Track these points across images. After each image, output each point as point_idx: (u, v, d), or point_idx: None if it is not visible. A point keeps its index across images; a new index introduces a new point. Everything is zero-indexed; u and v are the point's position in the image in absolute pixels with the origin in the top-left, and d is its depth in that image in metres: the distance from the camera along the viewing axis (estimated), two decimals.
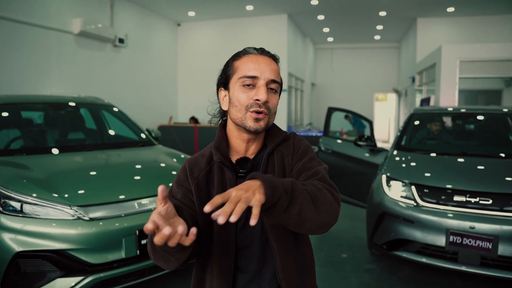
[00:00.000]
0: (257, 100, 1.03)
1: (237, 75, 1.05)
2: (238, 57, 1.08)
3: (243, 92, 1.04)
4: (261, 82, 1.04)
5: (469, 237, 2.80)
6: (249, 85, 1.04)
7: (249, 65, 1.04)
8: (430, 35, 10.87)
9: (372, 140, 4.24)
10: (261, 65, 1.05)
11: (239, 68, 1.06)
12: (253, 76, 1.03)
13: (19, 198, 2.38)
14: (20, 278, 2.28)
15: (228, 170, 1.07)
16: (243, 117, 1.04)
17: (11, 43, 6.52)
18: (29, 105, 3.82)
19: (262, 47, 1.11)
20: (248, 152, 1.12)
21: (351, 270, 3.52)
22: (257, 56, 1.07)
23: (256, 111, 1.03)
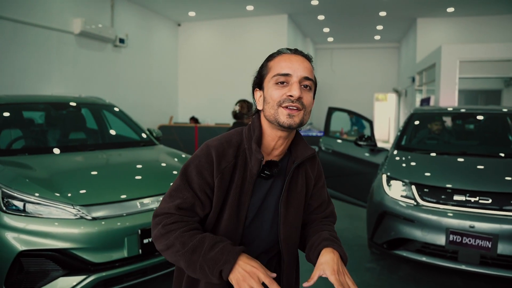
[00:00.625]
0: (290, 96, 1.03)
1: (271, 74, 1.07)
2: (272, 58, 1.11)
3: (276, 89, 1.05)
4: (294, 79, 1.05)
5: (469, 236, 2.82)
6: (282, 83, 1.05)
7: (282, 63, 1.06)
8: (430, 35, 10.89)
9: (372, 140, 4.26)
10: (294, 63, 1.06)
11: (273, 67, 1.07)
12: (286, 73, 1.04)
13: (22, 198, 2.39)
14: (23, 277, 2.29)
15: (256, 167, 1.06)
16: (275, 113, 1.04)
17: (12, 43, 6.54)
18: (31, 105, 3.84)
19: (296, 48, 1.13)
20: (275, 153, 1.12)
21: (351, 269, 3.54)
22: (290, 55, 1.08)
23: (288, 106, 1.03)
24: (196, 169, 1.05)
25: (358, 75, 15.67)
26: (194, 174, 1.05)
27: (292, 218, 1.12)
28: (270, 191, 1.10)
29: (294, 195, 1.13)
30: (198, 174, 1.04)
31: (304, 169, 1.17)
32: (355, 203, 4.52)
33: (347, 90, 15.75)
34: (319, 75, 16.83)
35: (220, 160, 1.05)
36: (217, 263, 0.93)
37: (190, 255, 0.95)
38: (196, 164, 1.06)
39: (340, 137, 5.71)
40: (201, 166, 1.05)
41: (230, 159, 1.06)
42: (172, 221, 1.01)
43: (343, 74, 15.89)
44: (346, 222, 5.03)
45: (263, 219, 1.10)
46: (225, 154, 1.06)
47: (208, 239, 0.97)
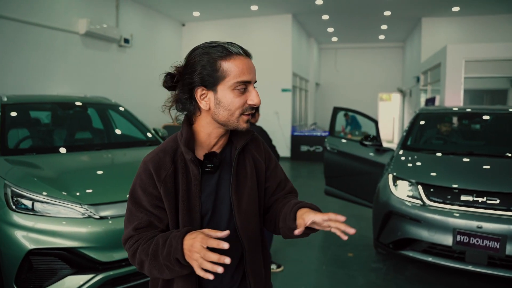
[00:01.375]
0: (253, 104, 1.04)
1: (230, 79, 1.01)
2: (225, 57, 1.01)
3: (237, 97, 1.02)
4: (253, 86, 1.04)
5: (476, 236, 2.81)
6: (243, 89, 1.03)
7: (242, 68, 1.01)
8: (435, 35, 10.84)
9: (378, 140, 4.25)
10: (251, 68, 1.04)
11: (231, 71, 1.01)
12: (248, 81, 1.02)
13: (31, 197, 2.41)
14: (32, 275, 2.31)
15: (195, 168, 1.05)
16: (235, 119, 1.03)
17: (18, 44, 6.58)
18: (38, 105, 3.86)
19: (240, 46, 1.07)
20: (215, 146, 1.11)
21: (357, 269, 3.53)
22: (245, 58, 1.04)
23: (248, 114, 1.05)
24: (140, 188, 1.06)
25: (362, 75, 15.64)
26: (140, 193, 1.06)
27: (246, 205, 1.11)
28: (219, 183, 1.10)
29: (244, 182, 1.12)
30: (143, 192, 1.05)
31: (250, 154, 1.16)
32: (360, 203, 4.51)
33: (351, 90, 15.72)
34: (323, 75, 16.89)
35: (158, 171, 1.04)
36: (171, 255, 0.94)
37: (154, 261, 0.98)
38: (139, 183, 1.06)
39: (345, 137, 5.70)
40: (143, 183, 1.05)
41: (168, 166, 1.05)
42: (133, 242, 1.04)
43: (347, 74, 15.86)
44: (351, 222, 5.02)
45: (221, 212, 1.10)
46: (162, 164, 1.06)
47: (161, 239, 0.99)
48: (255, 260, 1.14)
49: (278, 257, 3.77)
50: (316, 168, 9.57)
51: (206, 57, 1.02)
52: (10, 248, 2.33)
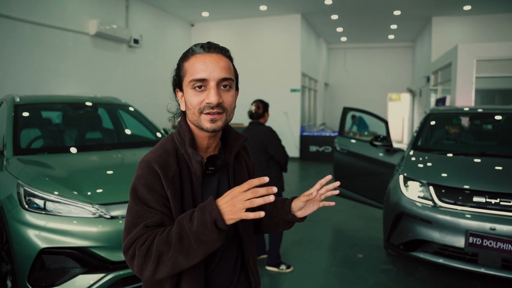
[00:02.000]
0: (209, 103, 1.01)
1: (187, 78, 1.03)
2: (186, 58, 1.05)
3: (195, 95, 1.02)
4: (211, 83, 1.01)
5: (489, 238, 2.77)
6: (200, 87, 1.02)
7: (197, 66, 1.02)
8: (446, 34, 10.73)
9: (388, 140, 4.21)
10: (209, 65, 1.01)
11: (188, 70, 1.03)
12: (202, 78, 1.01)
13: (43, 196, 2.43)
14: (44, 274, 2.33)
15: (199, 169, 1.06)
16: (198, 119, 1.04)
17: (30, 45, 6.66)
18: (49, 105, 3.90)
19: (209, 42, 1.06)
20: (209, 149, 1.13)
21: (367, 270, 3.50)
22: (204, 55, 1.03)
23: (209, 113, 1.02)
24: (146, 189, 1.01)
25: (372, 75, 15.54)
26: (146, 194, 1.01)
27: None
28: (219, 186, 1.12)
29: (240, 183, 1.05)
30: (150, 192, 1.01)
31: (242, 157, 1.20)
32: (370, 204, 4.48)
33: (360, 90, 15.63)
34: (332, 75, 16.81)
35: (165, 171, 1.02)
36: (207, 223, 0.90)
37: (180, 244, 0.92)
38: (143, 183, 1.01)
39: (355, 137, 5.67)
40: (150, 183, 1.01)
41: (174, 167, 1.04)
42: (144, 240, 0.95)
43: (356, 74, 15.77)
44: (361, 223, 4.99)
45: None
46: (167, 164, 1.04)
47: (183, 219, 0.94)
48: (252, 252, 1.20)
49: (287, 258, 3.75)
50: (325, 168, 9.53)
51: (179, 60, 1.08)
52: (23, 246, 2.35)
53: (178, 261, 0.92)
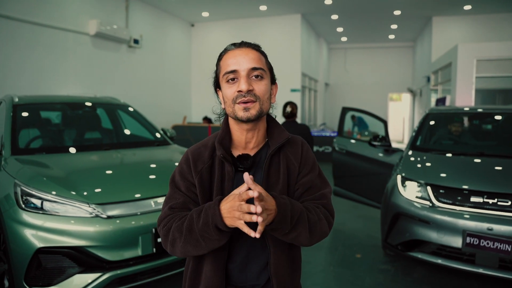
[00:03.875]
0: (240, 91, 1.06)
1: (221, 73, 1.11)
2: (220, 57, 1.14)
3: (229, 88, 1.09)
4: (242, 73, 1.07)
5: (487, 238, 2.76)
6: (233, 79, 1.08)
7: (228, 61, 1.09)
8: (446, 34, 10.71)
9: (387, 140, 4.21)
10: (238, 58, 1.08)
11: (222, 66, 1.11)
12: (233, 70, 1.07)
13: (40, 196, 2.44)
14: (41, 273, 2.34)
15: (228, 165, 1.11)
16: (233, 110, 1.09)
17: (30, 45, 6.68)
18: (48, 105, 3.91)
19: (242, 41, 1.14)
20: (249, 146, 1.15)
21: (365, 270, 3.50)
22: (234, 50, 1.10)
23: (242, 102, 1.07)
24: (179, 175, 1.15)
25: (372, 75, 15.53)
26: (179, 179, 1.15)
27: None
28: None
29: (275, 183, 1.13)
30: (182, 178, 1.14)
31: (285, 156, 1.17)
32: (368, 204, 4.48)
33: (361, 90, 15.62)
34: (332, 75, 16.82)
35: (196, 162, 1.13)
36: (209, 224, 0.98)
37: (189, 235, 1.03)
38: (179, 170, 1.16)
39: (354, 138, 5.67)
40: (183, 171, 1.14)
41: (206, 160, 1.13)
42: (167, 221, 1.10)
43: (357, 74, 15.76)
44: (359, 223, 4.99)
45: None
46: (201, 156, 1.14)
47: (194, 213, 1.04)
48: (280, 262, 1.14)
49: None
50: (325, 168, 9.51)
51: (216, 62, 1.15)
52: (19, 246, 2.36)
53: (187, 248, 1.05)
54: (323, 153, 10.75)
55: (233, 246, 1.13)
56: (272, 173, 1.14)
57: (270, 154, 1.13)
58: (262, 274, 1.15)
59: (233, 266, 1.14)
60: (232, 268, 1.14)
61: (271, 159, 1.14)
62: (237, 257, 1.14)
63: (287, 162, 1.17)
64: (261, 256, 1.14)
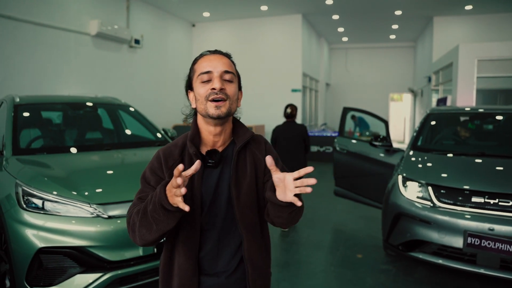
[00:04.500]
0: (213, 89, 1.16)
1: (196, 74, 1.20)
2: (195, 61, 1.24)
3: (202, 87, 1.18)
4: (215, 74, 1.17)
5: (488, 239, 2.76)
6: (206, 80, 1.18)
7: (203, 64, 1.20)
8: (447, 34, 10.70)
9: (388, 141, 4.21)
10: (213, 61, 1.19)
11: (197, 68, 1.21)
12: (207, 71, 1.18)
13: (41, 196, 2.44)
14: (42, 273, 2.34)
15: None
16: (205, 107, 1.17)
17: (32, 45, 6.69)
18: (49, 105, 3.91)
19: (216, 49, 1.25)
20: (217, 144, 1.24)
21: (366, 270, 3.50)
22: (209, 55, 1.22)
23: (214, 99, 1.16)
24: (150, 171, 1.22)
25: (373, 75, 15.52)
26: (149, 175, 1.22)
27: (244, 198, 1.22)
28: (221, 178, 1.22)
29: (243, 177, 1.23)
30: (152, 173, 1.22)
31: (250, 152, 1.27)
32: (370, 204, 4.48)
33: (361, 90, 15.62)
34: (333, 75, 16.81)
35: (167, 159, 1.21)
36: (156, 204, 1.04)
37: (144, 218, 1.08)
38: (150, 167, 1.23)
39: (355, 138, 5.66)
40: (153, 167, 1.22)
41: (176, 157, 1.22)
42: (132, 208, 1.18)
43: (357, 74, 15.75)
44: (360, 223, 4.99)
45: (220, 203, 1.22)
46: (171, 154, 1.22)
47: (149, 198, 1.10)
48: (253, 247, 1.24)
49: (286, 257, 3.76)
50: (326, 168, 9.52)
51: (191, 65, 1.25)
52: (21, 246, 2.36)
53: (142, 232, 1.10)
54: (324, 153, 10.75)
55: (204, 236, 1.21)
56: (240, 167, 1.24)
57: (238, 149, 1.23)
58: (233, 260, 1.23)
59: (204, 254, 1.21)
60: (203, 257, 1.22)
61: (238, 155, 1.24)
62: (208, 246, 1.21)
63: (253, 157, 1.27)
64: (231, 243, 1.23)
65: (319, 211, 5.54)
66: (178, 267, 1.21)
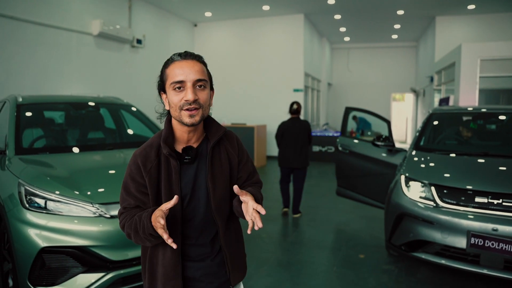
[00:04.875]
0: (187, 100, 1.21)
1: (168, 81, 1.24)
2: (167, 65, 1.26)
3: (175, 95, 1.23)
4: (188, 84, 1.21)
5: (491, 239, 2.75)
6: (179, 88, 1.22)
7: (176, 71, 1.22)
8: (450, 34, 10.68)
9: (390, 140, 4.19)
10: (185, 69, 1.22)
11: (169, 75, 1.24)
12: (180, 80, 1.21)
13: (43, 195, 2.44)
14: (45, 273, 2.34)
15: (173, 160, 1.27)
16: (179, 115, 1.23)
17: (34, 45, 6.70)
18: (51, 105, 3.92)
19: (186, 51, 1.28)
20: (191, 141, 1.32)
21: (368, 271, 3.49)
22: (181, 61, 1.24)
23: (188, 109, 1.21)
24: (129, 177, 1.29)
25: (375, 75, 15.50)
26: (129, 181, 1.28)
27: (220, 191, 1.32)
28: (198, 172, 1.30)
29: (218, 171, 1.32)
30: (132, 180, 1.28)
31: (224, 148, 1.36)
32: (372, 204, 4.46)
33: (363, 90, 15.59)
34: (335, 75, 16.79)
35: (144, 163, 1.27)
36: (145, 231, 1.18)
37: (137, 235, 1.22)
38: (129, 173, 1.29)
39: (357, 137, 5.65)
40: (132, 173, 1.28)
41: (153, 159, 1.27)
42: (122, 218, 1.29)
43: (359, 73, 15.73)
44: (362, 223, 4.98)
45: (198, 197, 1.30)
46: (148, 157, 1.27)
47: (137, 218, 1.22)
48: (228, 235, 1.36)
49: (288, 257, 3.75)
50: (328, 168, 9.51)
51: (162, 68, 1.28)
52: (23, 245, 2.36)
53: (138, 242, 1.25)
54: (326, 153, 10.74)
55: (187, 226, 1.30)
56: (215, 162, 1.32)
57: (212, 146, 1.31)
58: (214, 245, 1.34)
59: (188, 242, 1.31)
60: (188, 245, 1.31)
61: (212, 151, 1.32)
62: (192, 235, 1.31)
63: (227, 153, 1.36)
64: (210, 231, 1.33)
65: (321, 211, 5.53)
66: (163, 256, 1.29)
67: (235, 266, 1.38)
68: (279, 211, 5.42)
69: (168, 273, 1.28)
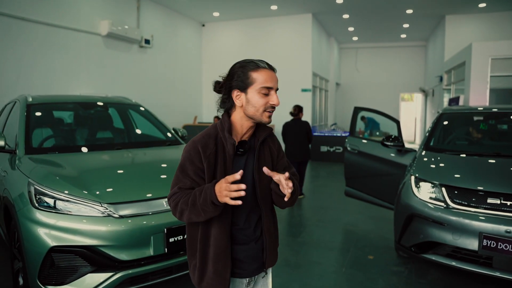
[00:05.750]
0: (273, 104, 1.42)
1: (257, 84, 1.40)
2: (254, 69, 1.41)
3: (262, 98, 1.40)
4: (274, 91, 1.43)
5: (504, 241, 2.70)
6: (266, 94, 1.41)
7: (266, 78, 1.40)
8: (460, 33, 10.55)
9: (399, 141, 4.15)
10: (273, 78, 1.42)
11: (258, 79, 1.40)
12: (270, 87, 1.41)
13: (53, 195, 2.45)
14: (54, 272, 2.35)
15: (231, 149, 1.42)
16: (260, 115, 1.42)
17: (44, 46, 6.76)
18: (61, 105, 3.94)
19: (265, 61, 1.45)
20: (245, 135, 1.49)
21: (377, 272, 3.46)
22: (268, 71, 1.42)
23: (270, 111, 1.43)
24: (188, 160, 1.42)
25: (384, 75, 15.39)
26: (187, 164, 1.42)
27: (265, 181, 1.48)
28: (246, 164, 1.47)
29: (263, 164, 1.49)
30: (191, 163, 1.42)
31: (267, 144, 1.56)
32: (381, 205, 4.42)
33: (372, 89, 15.49)
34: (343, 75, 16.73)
35: (204, 149, 1.41)
36: (207, 201, 1.31)
37: (193, 208, 1.35)
38: (187, 157, 1.43)
39: (366, 137, 5.61)
40: (191, 157, 1.42)
41: (212, 147, 1.43)
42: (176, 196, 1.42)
43: (368, 73, 15.63)
44: (372, 224, 4.93)
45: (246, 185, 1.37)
46: (207, 145, 1.42)
47: (197, 192, 1.36)
48: (269, 221, 1.55)
49: (296, 258, 3.73)
50: (336, 169, 9.46)
51: (241, 69, 1.43)
52: (33, 244, 2.37)
53: (191, 217, 1.38)
54: (334, 153, 10.69)
55: (236, 213, 1.46)
56: (261, 156, 1.51)
57: (260, 141, 1.50)
58: (256, 230, 1.51)
59: (236, 228, 1.48)
60: (235, 229, 1.48)
61: (260, 146, 1.51)
62: (239, 221, 1.47)
63: (269, 149, 1.56)
64: (254, 217, 1.51)
65: (330, 212, 5.50)
66: (214, 238, 1.43)
67: (271, 251, 1.55)
68: (287, 211, 5.40)
69: (219, 254, 1.43)
